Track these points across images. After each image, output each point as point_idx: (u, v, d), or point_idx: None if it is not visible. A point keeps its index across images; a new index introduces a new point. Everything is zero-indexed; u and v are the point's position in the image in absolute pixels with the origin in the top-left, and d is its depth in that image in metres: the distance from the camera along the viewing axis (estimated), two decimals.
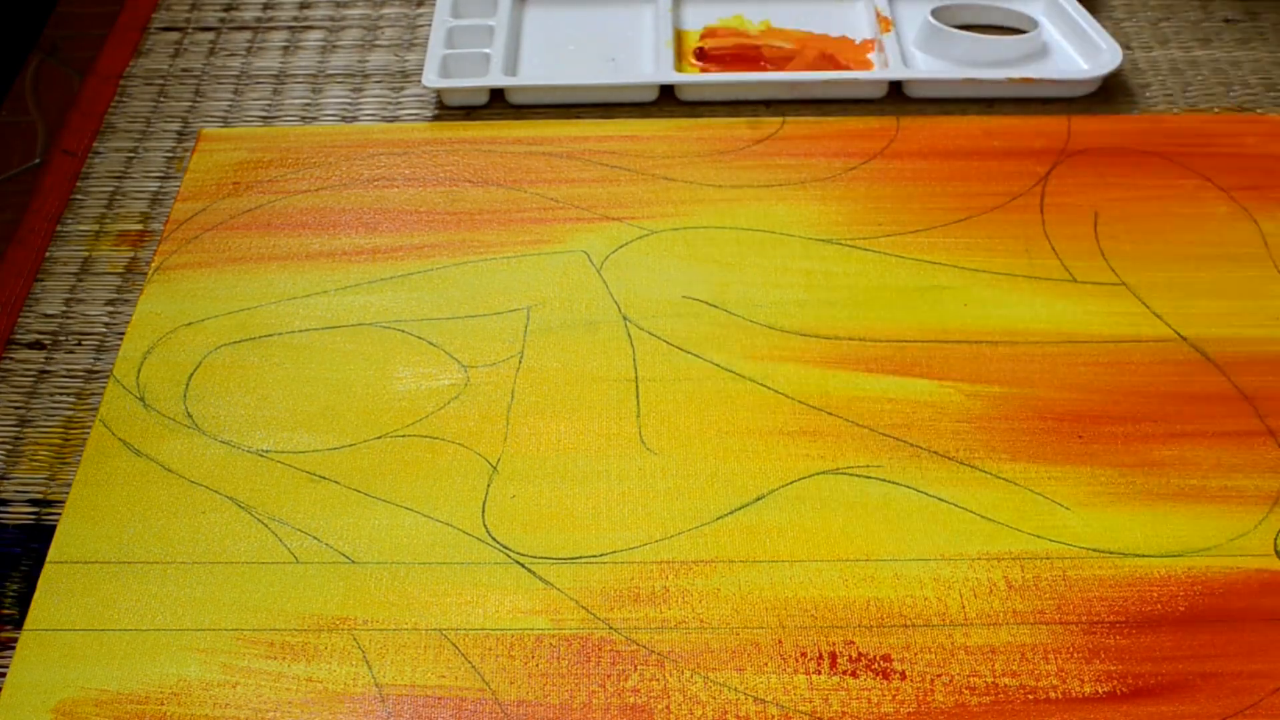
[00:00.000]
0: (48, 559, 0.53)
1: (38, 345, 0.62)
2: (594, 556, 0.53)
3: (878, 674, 0.50)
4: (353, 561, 0.53)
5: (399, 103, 0.75)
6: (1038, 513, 0.55)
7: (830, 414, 0.58)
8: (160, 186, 0.70)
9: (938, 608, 0.52)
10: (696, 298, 0.63)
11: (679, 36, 0.78)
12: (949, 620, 0.51)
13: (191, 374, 0.60)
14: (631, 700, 0.49)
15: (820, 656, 0.50)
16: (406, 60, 0.77)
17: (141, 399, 0.59)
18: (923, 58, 0.76)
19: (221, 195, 0.68)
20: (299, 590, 0.52)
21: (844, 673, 0.50)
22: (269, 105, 0.74)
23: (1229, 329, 0.61)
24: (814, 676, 0.50)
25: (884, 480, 0.56)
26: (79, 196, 0.69)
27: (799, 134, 0.72)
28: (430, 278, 0.64)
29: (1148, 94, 0.74)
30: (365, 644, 0.51)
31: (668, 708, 0.49)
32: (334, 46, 0.78)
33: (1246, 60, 0.77)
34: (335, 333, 0.62)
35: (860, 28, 0.79)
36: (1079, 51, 0.76)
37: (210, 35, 0.79)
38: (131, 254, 0.66)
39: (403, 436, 0.57)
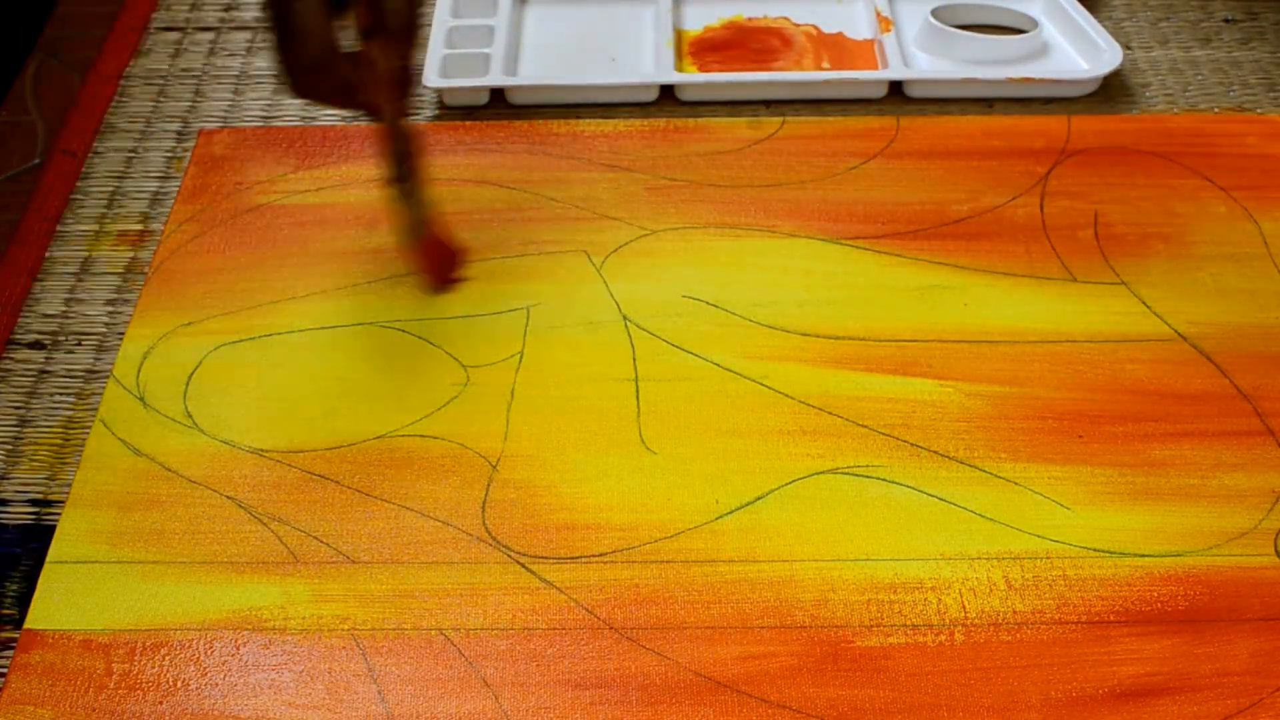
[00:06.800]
0: (48, 559, 0.53)
1: (38, 345, 0.62)
2: (594, 556, 0.53)
3: (878, 673, 0.50)
4: (353, 561, 0.53)
5: None
6: (1038, 513, 0.55)
7: (830, 414, 0.58)
8: (160, 186, 0.70)
9: (937, 608, 0.52)
10: (696, 297, 0.63)
11: (679, 36, 0.78)
12: (949, 620, 0.51)
13: (191, 374, 0.60)
14: (632, 700, 0.49)
15: (821, 656, 0.50)
16: None
17: (141, 399, 0.59)
18: (923, 57, 0.76)
19: (221, 195, 0.68)
20: (299, 590, 0.52)
21: (844, 672, 0.50)
22: (269, 105, 0.74)
23: (1228, 329, 0.61)
24: (814, 676, 0.50)
25: (884, 480, 0.56)
26: (79, 196, 0.69)
27: (799, 134, 0.72)
28: None
29: (1148, 94, 0.74)
30: (365, 644, 0.51)
31: (669, 708, 0.49)
32: None
33: (1246, 60, 0.77)
34: (335, 333, 0.62)
35: (860, 28, 0.79)
36: (1079, 51, 0.76)
37: (210, 35, 0.79)
38: (131, 254, 0.66)
39: (403, 436, 0.57)
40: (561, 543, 0.54)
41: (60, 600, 0.52)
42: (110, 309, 0.63)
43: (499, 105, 0.74)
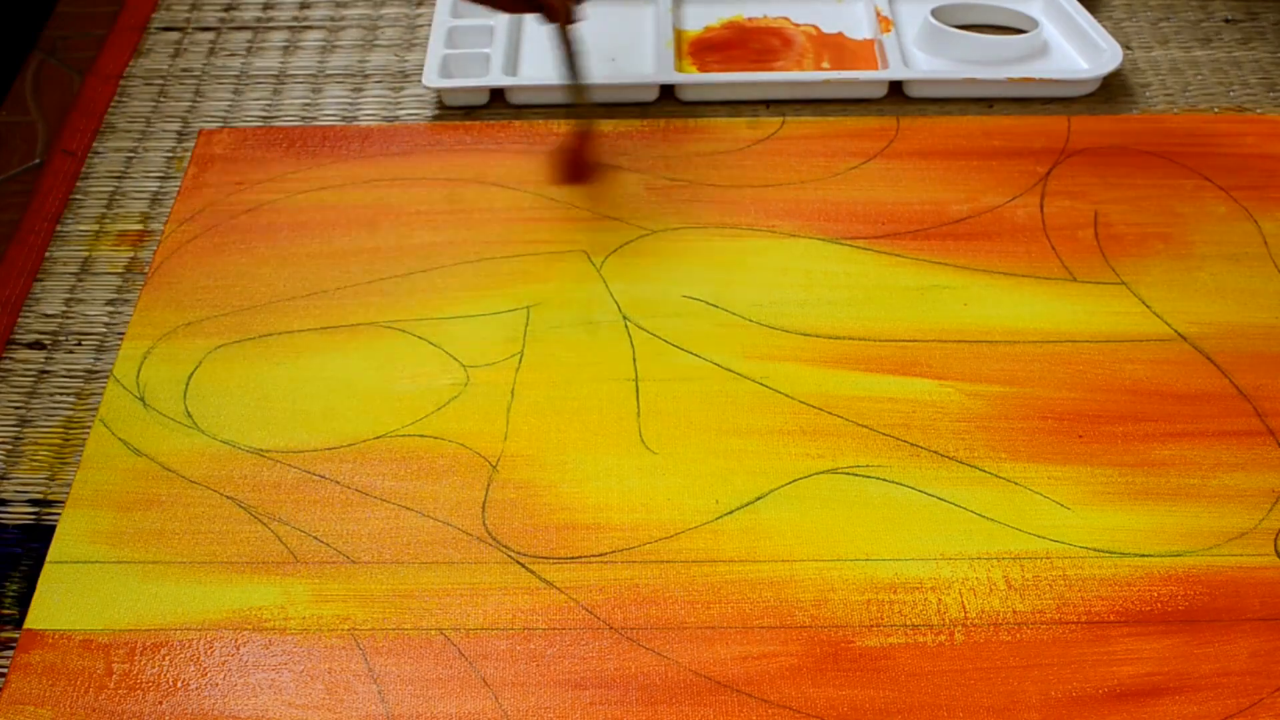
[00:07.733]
0: (48, 559, 0.53)
1: (38, 345, 0.62)
2: (594, 556, 0.53)
3: (878, 673, 0.50)
4: (353, 561, 0.53)
5: (399, 103, 0.75)
6: (1038, 513, 0.55)
7: (830, 414, 0.58)
8: (160, 186, 0.70)
9: (937, 608, 0.52)
10: (696, 298, 0.63)
11: (679, 36, 0.78)
12: (949, 620, 0.51)
13: (191, 374, 0.60)
14: (632, 700, 0.49)
15: (820, 656, 0.50)
16: (406, 60, 0.77)
17: (141, 399, 0.59)
18: (923, 57, 0.76)
19: (221, 195, 0.68)
20: (299, 590, 0.52)
21: (844, 672, 0.50)
22: (269, 105, 0.74)
23: (1228, 329, 0.61)
24: (814, 676, 0.50)
25: (884, 480, 0.56)
26: (79, 196, 0.69)
27: (799, 134, 0.72)
28: (430, 277, 0.64)
29: (1148, 94, 0.74)
30: (365, 644, 0.51)
31: (669, 708, 0.49)
32: (334, 46, 0.78)
33: (1246, 60, 0.77)
34: (335, 333, 0.62)
35: (860, 28, 0.79)
36: (1079, 51, 0.76)
37: (210, 35, 0.79)
38: (131, 254, 0.66)
39: (403, 436, 0.57)
40: (561, 543, 0.54)
41: (60, 600, 0.52)
42: (110, 309, 0.63)
43: (499, 105, 0.74)
